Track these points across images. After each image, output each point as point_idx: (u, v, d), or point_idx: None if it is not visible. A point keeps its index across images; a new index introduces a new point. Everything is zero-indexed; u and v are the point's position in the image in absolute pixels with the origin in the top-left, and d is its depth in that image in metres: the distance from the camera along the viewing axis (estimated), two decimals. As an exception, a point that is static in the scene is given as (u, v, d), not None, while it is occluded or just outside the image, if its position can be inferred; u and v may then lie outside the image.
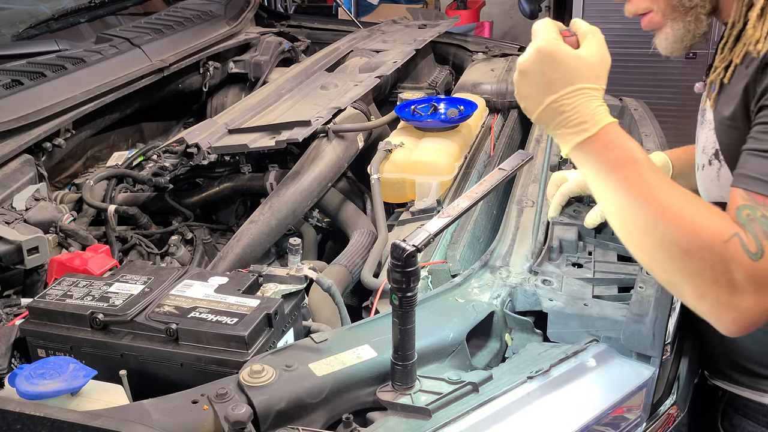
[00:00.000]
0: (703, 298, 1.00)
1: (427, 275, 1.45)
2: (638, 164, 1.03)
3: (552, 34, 1.08)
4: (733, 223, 0.99)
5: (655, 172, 1.04)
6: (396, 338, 1.05)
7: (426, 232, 1.04)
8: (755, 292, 0.96)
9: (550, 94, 1.07)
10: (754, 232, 0.98)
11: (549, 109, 1.08)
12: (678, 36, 1.23)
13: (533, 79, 1.08)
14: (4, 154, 1.75)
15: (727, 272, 0.97)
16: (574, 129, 1.06)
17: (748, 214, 1.00)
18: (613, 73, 1.12)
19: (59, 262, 1.43)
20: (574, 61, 1.06)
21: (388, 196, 1.86)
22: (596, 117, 1.06)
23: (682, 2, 1.20)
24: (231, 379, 1.06)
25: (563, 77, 1.06)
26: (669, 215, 1.00)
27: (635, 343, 1.21)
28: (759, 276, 0.96)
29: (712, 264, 0.97)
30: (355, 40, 2.73)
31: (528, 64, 1.08)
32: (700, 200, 1.04)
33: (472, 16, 5.82)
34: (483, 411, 1.09)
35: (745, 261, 0.96)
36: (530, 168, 1.81)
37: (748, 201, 1.01)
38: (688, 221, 0.99)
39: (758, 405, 1.35)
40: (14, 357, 1.20)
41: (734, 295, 0.97)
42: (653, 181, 1.02)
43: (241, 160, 2.02)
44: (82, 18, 2.53)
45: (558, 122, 1.08)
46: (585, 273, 1.40)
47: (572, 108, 1.06)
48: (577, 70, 1.06)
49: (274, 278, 1.30)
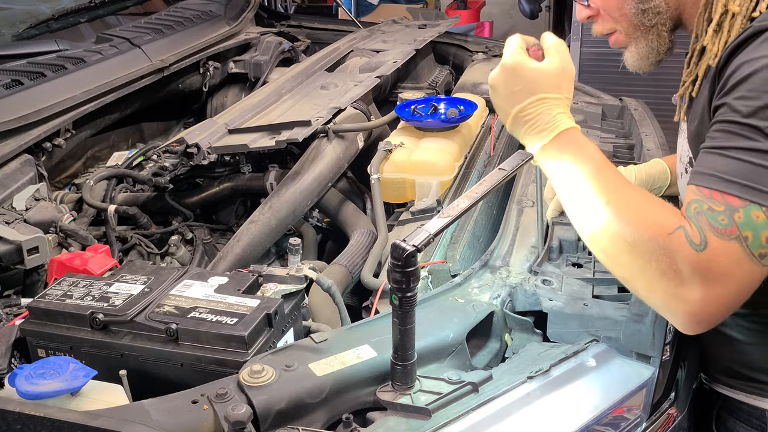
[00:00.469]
0: (653, 291, 1.03)
1: (427, 275, 1.45)
2: (592, 164, 1.09)
3: (516, 50, 1.15)
4: (679, 217, 1.02)
5: (609, 172, 1.09)
6: (396, 338, 1.05)
7: (426, 232, 1.04)
8: (701, 283, 0.98)
9: (515, 104, 1.14)
10: (699, 225, 1.00)
11: (516, 118, 1.15)
12: (643, 54, 1.30)
13: (501, 93, 1.16)
14: (4, 154, 1.75)
15: (672, 264, 0.99)
16: (537, 135, 1.13)
17: (696, 208, 1.02)
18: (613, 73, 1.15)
19: (59, 262, 1.43)
20: (534, 74, 1.13)
21: (388, 196, 1.86)
22: (556, 123, 1.12)
23: (643, 22, 1.26)
24: (231, 379, 1.06)
25: (525, 88, 1.13)
26: (617, 211, 1.04)
27: (635, 343, 1.21)
28: (703, 267, 0.98)
29: (657, 256, 1.00)
30: (355, 40, 2.73)
31: (496, 79, 1.16)
32: (651, 197, 1.08)
33: (472, 16, 5.82)
34: (483, 411, 1.09)
35: (688, 252, 0.99)
36: (530, 168, 1.81)
37: (698, 195, 1.04)
38: (634, 216, 1.04)
39: (751, 408, 1.36)
40: (14, 357, 1.20)
41: (681, 287, 0.99)
42: (605, 180, 1.08)
43: (241, 160, 2.03)
44: (82, 18, 2.53)
45: (525, 130, 1.15)
46: (585, 273, 1.40)
47: (535, 116, 1.13)
48: (537, 81, 1.13)
49: (274, 278, 1.30)
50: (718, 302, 1.00)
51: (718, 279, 0.99)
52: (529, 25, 5.78)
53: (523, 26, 5.97)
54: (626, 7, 1.26)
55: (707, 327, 1.03)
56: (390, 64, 2.35)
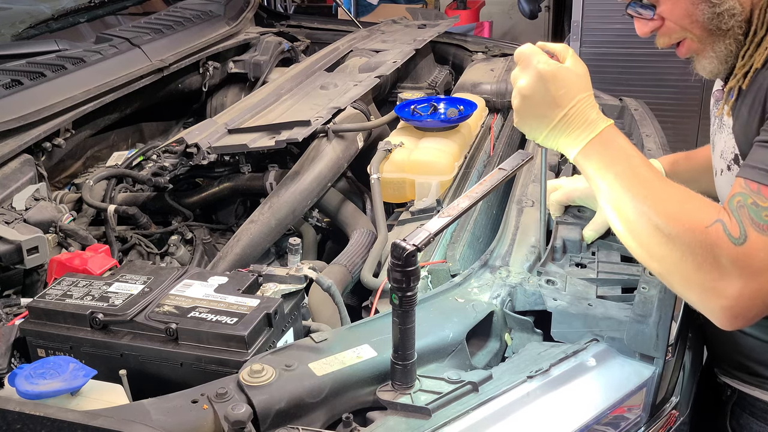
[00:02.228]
0: (689, 285, 1.03)
1: (427, 275, 1.45)
2: (631, 160, 1.11)
3: (545, 57, 1.18)
4: (718, 211, 1.02)
5: (646, 167, 1.11)
6: (396, 338, 1.05)
7: (426, 231, 1.04)
8: (740, 276, 0.98)
9: (559, 108, 1.16)
10: (740, 218, 1.00)
11: (560, 122, 1.16)
12: (722, 58, 1.24)
13: (539, 101, 1.17)
14: (4, 154, 1.74)
15: (709, 257, 0.99)
16: (581, 135, 1.15)
17: (739, 201, 1.02)
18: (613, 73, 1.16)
19: (59, 262, 1.43)
20: (572, 77, 1.16)
21: (388, 196, 1.86)
22: (598, 121, 1.15)
23: (718, 26, 1.21)
24: (231, 379, 1.06)
25: (568, 92, 1.15)
26: (654, 204, 1.05)
27: (638, 344, 1.21)
28: (741, 261, 0.98)
29: (693, 249, 1.00)
30: (355, 40, 2.73)
31: (531, 88, 1.17)
32: (688, 191, 1.08)
33: (471, 16, 5.82)
34: (483, 410, 1.09)
35: (726, 245, 0.99)
36: (530, 168, 1.81)
37: (744, 189, 1.03)
38: (671, 209, 1.04)
39: (766, 405, 1.35)
40: (14, 357, 1.20)
41: (719, 280, 0.99)
42: (643, 175, 1.09)
43: (241, 160, 2.02)
44: (82, 18, 2.54)
45: (567, 132, 1.17)
46: (589, 273, 1.40)
47: (578, 117, 1.15)
48: (576, 83, 1.16)
49: (273, 278, 1.30)
50: (756, 297, 0.99)
51: (758, 274, 0.98)
52: (529, 25, 5.78)
53: (523, 26, 5.98)
54: (698, 13, 1.20)
55: (744, 323, 1.02)
56: (390, 64, 2.35)
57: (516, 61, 1.20)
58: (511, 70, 1.23)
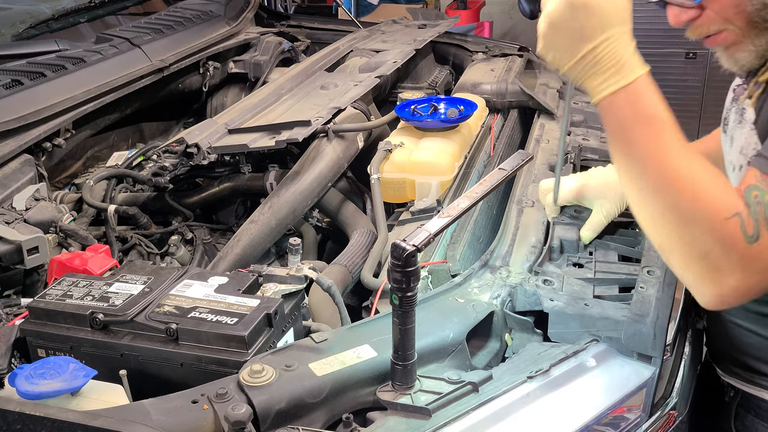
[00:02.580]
0: (689, 267, 1.01)
1: (427, 275, 1.45)
2: (661, 124, 1.02)
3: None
4: (737, 201, 0.99)
5: (675, 135, 1.02)
6: (396, 338, 1.05)
7: (426, 232, 1.04)
8: (741, 272, 0.98)
9: (586, 41, 1.03)
10: (756, 216, 0.98)
11: (585, 59, 1.04)
12: (761, 52, 1.17)
13: (566, 29, 1.04)
14: (4, 154, 1.74)
15: (719, 250, 0.98)
16: (608, 80, 1.03)
17: (756, 196, 1.00)
18: None
19: (59, 262, 1.43)
20: (607, 5, 1.02)
21: (388, 196, 1.86)
22: (633, 65, 1.03)
23: (764, 17, 1.13)
24: (231, 379, 1.06)
25: (599, 23, 1.02)
26: (676, 181, 0.99)
27: (636, 344, 1.21)
28: (749, 259, 0.98)
29: (705, 237, 0.98)
30: (355, 40, 2.73)
31: (559, 14, 1.04)
32: (716, 172, 1.02)
33: (472, 16, 5.81)
34: (483, 411, 1.09)
35: (740, 242, 0.97)
36: (530, 168, 1.81)
37: (760, 183, 1.01)
38: (692, 190, 0.99)
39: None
40: (14, 357, 1.20)
41: (719, 272, 0.98)
42: (670, 144, 1.01)
43: (241, 160, 2.03)
44: (82, 18, 2.53)
45: (594, 72, 1.04)
46: (586, 273, 1.40)
47: (608, 55, 1.02)
48: (610, 13, 1.02)
49: (274, 278, 1.30)
50: (749, 291, 1.00)
51: (758, 272, 0.98)
52: (529, 25, 5.78)
53: (523, 26, 5.97)
54: (746, 3, 1.11)
55: (728, 308, 1.03)
56: (390, 64, 2.35)
57: None
58: (512, 71, 1.22)
